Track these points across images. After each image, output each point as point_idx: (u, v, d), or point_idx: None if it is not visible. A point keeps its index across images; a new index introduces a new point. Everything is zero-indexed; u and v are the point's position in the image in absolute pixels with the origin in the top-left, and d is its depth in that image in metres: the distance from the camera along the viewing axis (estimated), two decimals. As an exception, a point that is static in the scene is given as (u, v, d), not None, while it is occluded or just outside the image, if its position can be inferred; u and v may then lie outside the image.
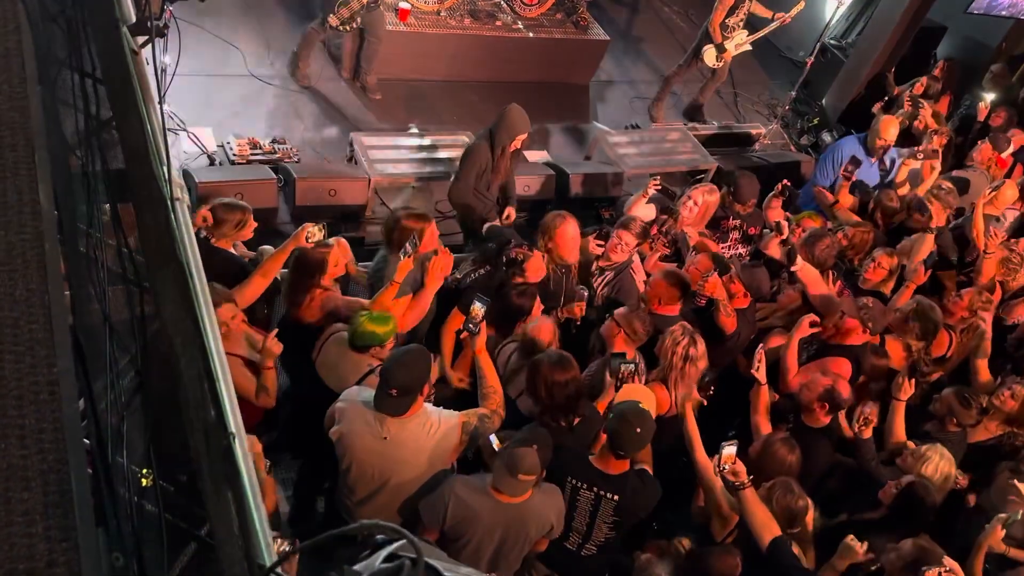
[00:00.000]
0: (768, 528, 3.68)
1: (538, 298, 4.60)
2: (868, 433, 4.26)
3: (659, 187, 5.75)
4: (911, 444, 4.43)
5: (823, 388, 4.29)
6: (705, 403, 4.35)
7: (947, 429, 4.61)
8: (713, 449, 3.91)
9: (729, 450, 3.77)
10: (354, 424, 3.53)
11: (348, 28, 6.98)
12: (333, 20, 6.78)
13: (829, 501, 4.24)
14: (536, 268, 4.73)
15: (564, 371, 3.82)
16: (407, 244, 4.15)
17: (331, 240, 4.45)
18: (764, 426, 4.39)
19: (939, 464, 4.14)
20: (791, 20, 8.21)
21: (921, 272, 5.38)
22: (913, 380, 4.55)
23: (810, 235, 5.45)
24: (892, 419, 4.55)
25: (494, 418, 3.76)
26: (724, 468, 3.74)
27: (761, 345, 4.51)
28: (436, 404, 3.86)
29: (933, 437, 4.59)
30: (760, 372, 4.41)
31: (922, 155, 6.68)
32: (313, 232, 4.12)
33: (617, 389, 4.09)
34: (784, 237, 5.55)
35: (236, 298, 3.90)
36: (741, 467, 3.75)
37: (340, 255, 4.39)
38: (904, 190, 6.66)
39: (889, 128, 6.57)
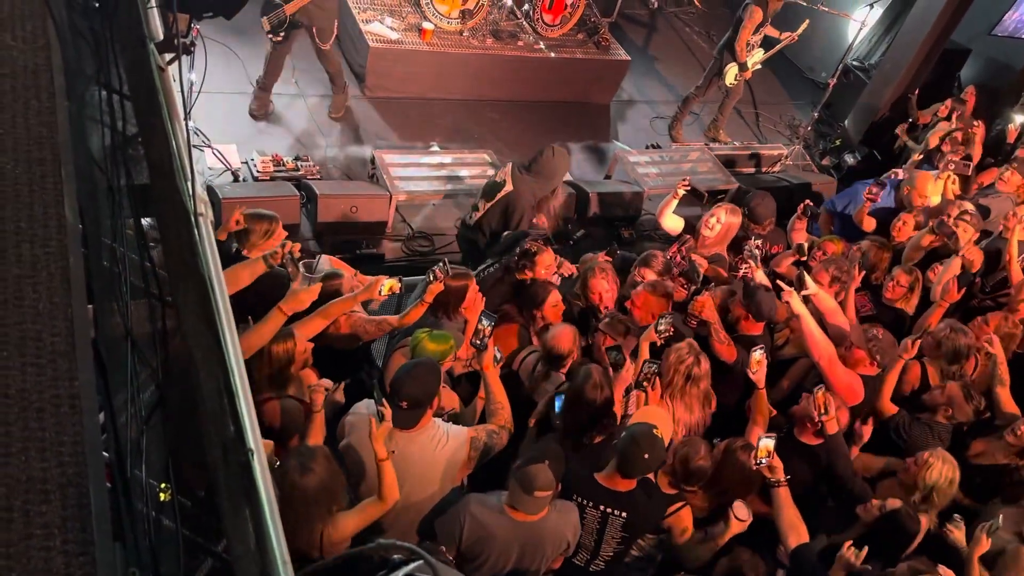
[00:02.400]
0: (796, 531, 3.67)
1: (556, 291, 4.65)
2: (833, 428, 4.05)
3: (688, 187, 5.70)
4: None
5: None
6: (659, 343, 4.27)
7: (937, 419, 4.54)
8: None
9: (766, 442, 3.77)
10: (363, 437, 3.52)
11: (278, 36, 6.64)
12: (264, 22, 6.52)
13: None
14: (547, 265, 4.77)
15: (598, 391, 3.81)
16: (436, 268, 4.16)
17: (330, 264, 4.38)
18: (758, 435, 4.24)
19: (943, 469, 3.99)
20: (800, 39, 8.23)
21: (954, 290, 5.27)
22: (871, 419, 4.47)
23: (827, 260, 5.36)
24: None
25: (502, 433, 3.73)
26: (761, 462, 3.75)
27: (761, 347, 4.32)
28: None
29: (922, 421, 4.53)
30: (758, 376, 4.24)
31: (953, 166, 6.56)
32: (390, 286, 4.00)
33: (639, 387, 4.09)
34: (804, 258, 5.50)
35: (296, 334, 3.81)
36: (778, 463, 3.76)
37: (355, 279, 4.36)
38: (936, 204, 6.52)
39: (927, 185, 6.34)
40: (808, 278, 4.77)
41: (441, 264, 4.15)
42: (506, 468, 3.57)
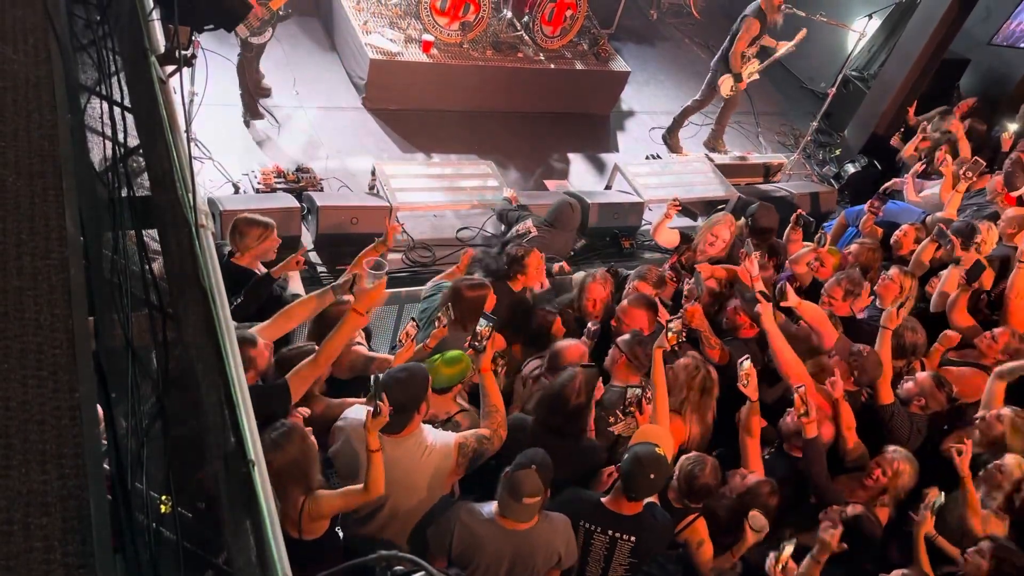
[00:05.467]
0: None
1: (560, 318, 4.75)
2: (812, 431, 4.08)
3: (679, 207, 5.77)
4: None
5: None
6: (671, 348, 4.26)
7: (910, 410, 4.55)
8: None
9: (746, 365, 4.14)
10: (351, 442, 3.53)
11: (260, 37, 6.57)
12: (242, 30, 6.36)
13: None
14: (536, 265, 4.91)
15: (573, 391, 3.85)
16: (440, 314, 4.16)
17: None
18: (753, 449, 4.23)
19: (912, 472, 4.13)
20: (798, 49, 8.24)
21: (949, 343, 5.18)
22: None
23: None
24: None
25: (494, 439, 3.70)
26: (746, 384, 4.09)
27: (747, 356, 4.31)
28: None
29: (903, 413, 4.55)
30: (749, 389, 4.19)
31: (971, 173, 6.53)
32: (409, 331, 4.15)
33: (626, 414, 4.08)
34: (822, 249, 5.56)
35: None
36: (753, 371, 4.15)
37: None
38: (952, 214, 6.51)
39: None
40: (790, 289, 4.74)
41: (445, 309, 4.18)
42: (499, 473, 3.56)
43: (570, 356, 4.30)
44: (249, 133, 7.07)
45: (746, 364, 4.20)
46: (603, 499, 3.68)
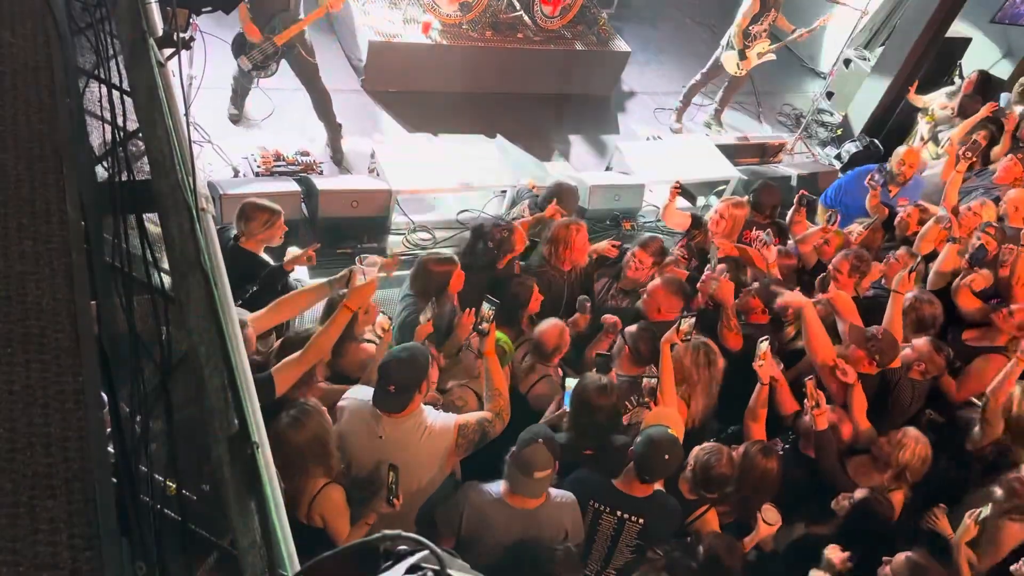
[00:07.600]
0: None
1: (536, 288, 4.68)
2: (822, 424, 4.09)
3: (679, 189, 5.78)
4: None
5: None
6: (679, 342, 4.26)
7: (910, 376, 4.58)
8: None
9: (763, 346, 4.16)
10: (352, 422, 3.54)
11: (264, 73, 6.49)
12: (244, 62, 6.35)
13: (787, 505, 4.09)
14: (521, 239, 4.95)
15: (605, 397, 3.86)
16: (428, 308, 4.18)
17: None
18: (757, 434, 4.23)
19: (916, 449, 4.03)
20: (814, 31, 8.21)
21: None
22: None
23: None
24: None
25: (496, 422, 3.69)
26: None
27: (767, 338, 4.30)
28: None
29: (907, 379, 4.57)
30: (764, 369, 4.19)
31: (970, 152, 6.55)
32: (383, 324, 4.13)
33: (641, 403, 4.08)
34: (832, 227, 5.60)
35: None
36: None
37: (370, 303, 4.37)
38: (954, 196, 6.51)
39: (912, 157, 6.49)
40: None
41: (432, 304, 4.20)
42: (501, 457, 3.57)
43: (551, 338, 4.33)
44: (248, 117, 7.05)
45: (764, 345, 4.21)
46: (614, 480, 3.70)
